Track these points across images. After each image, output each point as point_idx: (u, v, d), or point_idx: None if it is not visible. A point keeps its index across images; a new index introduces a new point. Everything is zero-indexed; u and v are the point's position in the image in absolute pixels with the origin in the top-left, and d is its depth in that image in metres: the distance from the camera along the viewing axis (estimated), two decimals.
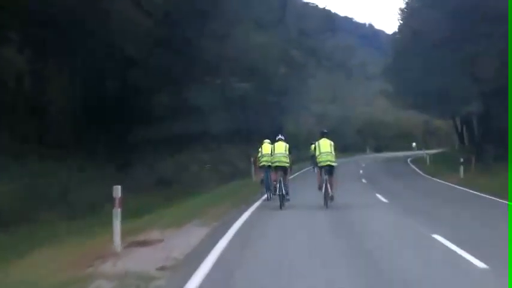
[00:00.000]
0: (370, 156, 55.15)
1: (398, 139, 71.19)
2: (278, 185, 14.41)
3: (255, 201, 16.46)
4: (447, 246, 8.46)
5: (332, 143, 14.34)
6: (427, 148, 53.63)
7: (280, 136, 15.50)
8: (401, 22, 40.71)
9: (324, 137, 14.50)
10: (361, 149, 59.45)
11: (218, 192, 20.10)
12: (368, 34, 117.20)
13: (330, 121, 60.93)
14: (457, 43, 31.00)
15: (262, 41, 29.48)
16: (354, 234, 10.27)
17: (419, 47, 35.60)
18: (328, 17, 64.03)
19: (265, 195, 16.60)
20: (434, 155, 43.53)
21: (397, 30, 46.33)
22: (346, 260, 7.78)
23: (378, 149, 66.56)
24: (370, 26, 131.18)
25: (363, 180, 24.58)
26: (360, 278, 6.57)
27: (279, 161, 14.77)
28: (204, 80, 31.86)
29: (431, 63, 34.87)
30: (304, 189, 18.58)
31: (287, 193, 14.58)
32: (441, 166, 32.64)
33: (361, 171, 31.97)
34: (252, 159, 26.42)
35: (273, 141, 15.86)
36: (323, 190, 13.99)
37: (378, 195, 17.27)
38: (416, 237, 9.76)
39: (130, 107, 26.14)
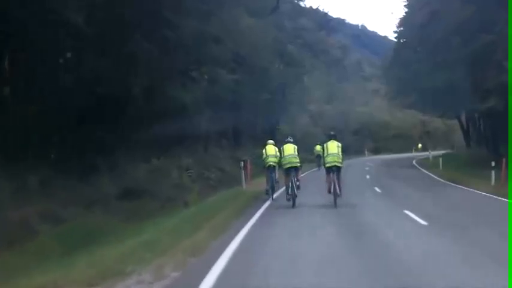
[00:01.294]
0: (370, 159, 50.26)
1: (396, 140, 66.78)
2: (290, 185, 14.46)
3: (246, 221, 11.70)
4: None
5: (339, 144, 14.58)
6: (429, 149, 48.95)
7: (289, 138, 15.71)
8: (407, 11, 35.79)
9: (331, 139, 14.66)
10: (358, 151, 54.65)
11: (198, 207, 15.08)
12: (361, 35, 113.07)
13: (326, 122, 56.59)
14: (473, 31, 26.27)
15: (254, 26, 24.47)
16: None
17: (428, 38, 30.86)
18: (322, 17, 60.09)
19: (270, 198, 16.16)
20: (440, 156, 38.59)
21: (398, 23, 41.45)
22: None
23: (375, 151, 61.83)
24: (363, 27, 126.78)
25: (376, 189, 19.64)
26: None
27: (290, 162, 14.84)
28: (188, 74, 26.91)
29: (441, 55, 30.22)
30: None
31: (298, 187, 14.66)
32: (457, 170, 27.85)
33: (367, 177, 27.08)
34: (242, 164, 21.59)
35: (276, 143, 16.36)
36: (331, 190, 14.05)
37: (409, 213, 12.41)
38: None
39: (98, 103, 21.18)
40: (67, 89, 19.82)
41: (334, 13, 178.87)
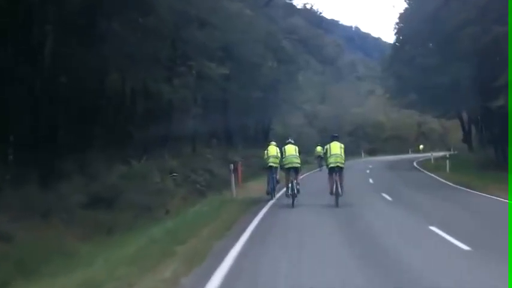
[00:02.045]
0: (368, 160, 47.56)
1: (392, 141, 64.31)
2: (290, 185, 14.58)
3: (233, 241, 8.96)
4: None
5: (342, 145, 14.70)
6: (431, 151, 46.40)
7: (290, 139, 15.83)
8: (412, 4, 33.03)
9: (334, 141, 14.70)
10: (355, 152, 51.87)
11: (176, 221, 12.18)
12: (354, 37, 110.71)
13: (320, 122, 54.05)
14: (488, 22, 23.58)
15: (244, 13, 21.61)
16: None
17: (437, 30, 28.17)
18: (317, 17, 57.74)
19: (271, 199, 16.06)
20: (442, 159, 36.00)
21: (399, 19, 38.72)
22: None
23: (371, 152, 59.15)
24: (357, 29, 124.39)
25: (385, 196, 16.77)
26: None
27: (291, 162, 14.96)
28: (175, 69, 24.07)
29: (450, 48, 27.53)
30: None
31: (298, 191, 14.70)
32: (465, 173, 25.17)
33: (371, 180, 24.29)
34: (232, 167, 18.75)
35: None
36: (333, 190, 14.09)
37: (438, 231, 9.62)
38: None
39: (67, 97, 18.30)
40: (30, 81, 16.93)
41: (328, 14, 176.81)
